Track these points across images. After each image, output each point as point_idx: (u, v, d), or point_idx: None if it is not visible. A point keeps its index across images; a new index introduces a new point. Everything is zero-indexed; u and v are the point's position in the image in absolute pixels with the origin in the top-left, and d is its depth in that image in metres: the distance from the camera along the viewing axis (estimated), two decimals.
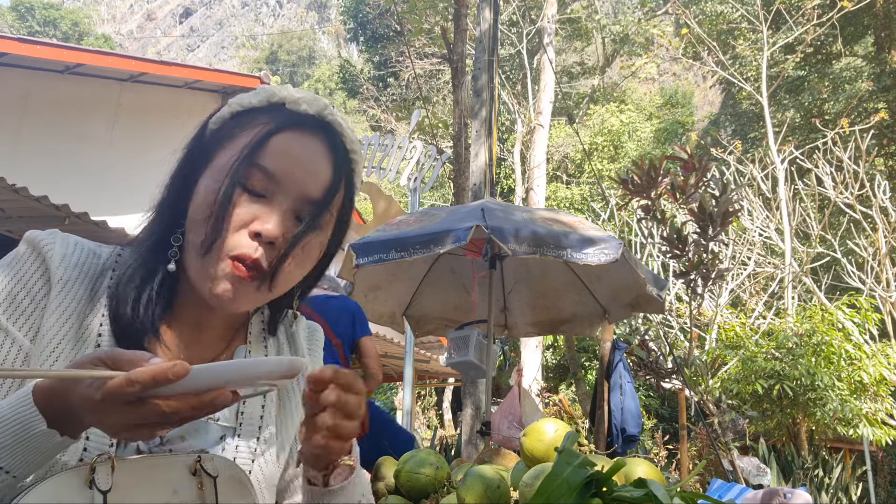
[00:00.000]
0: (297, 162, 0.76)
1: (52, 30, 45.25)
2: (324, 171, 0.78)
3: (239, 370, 0.61)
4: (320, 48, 58.51)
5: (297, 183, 0.76)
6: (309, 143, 0.77)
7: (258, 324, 0.90)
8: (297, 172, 0.76)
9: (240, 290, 0.74)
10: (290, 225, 0.76)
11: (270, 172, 0.75)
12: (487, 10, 6.93)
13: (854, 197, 9.60)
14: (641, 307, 4.36)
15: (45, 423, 0.60)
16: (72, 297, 0.75)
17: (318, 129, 0.79)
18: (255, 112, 0.79)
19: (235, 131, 0.78)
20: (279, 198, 0.75)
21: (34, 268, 0.76)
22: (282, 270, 0.76)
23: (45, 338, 0.73)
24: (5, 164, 5.85)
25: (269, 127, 0.76)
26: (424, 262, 4.57)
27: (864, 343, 7.18)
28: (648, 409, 13.52)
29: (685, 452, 6.46)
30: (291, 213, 0.76)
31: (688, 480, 1.35)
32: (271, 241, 0.74)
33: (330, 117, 0.81)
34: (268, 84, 8.53)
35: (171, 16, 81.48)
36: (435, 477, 2.13)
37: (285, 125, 0.77)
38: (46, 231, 0.79)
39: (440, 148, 9.59)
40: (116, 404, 0.57)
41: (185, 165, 0.80)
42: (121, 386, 0.56)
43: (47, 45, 7.12)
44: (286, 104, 0.79)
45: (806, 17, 12.40)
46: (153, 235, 0.79)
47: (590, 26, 19.53)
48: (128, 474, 0.67)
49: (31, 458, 0.61)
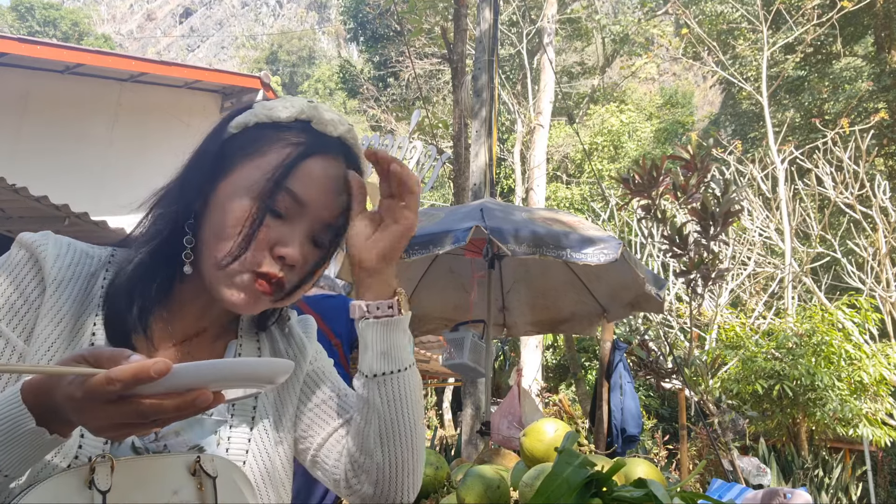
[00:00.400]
0: (323, 188, 0.79)
1: (52, 30, 45.25)
2: (342, 197, 0.81)
3: (221, 370, 0.60)
4: (320, 48, 58.50)
5: (319, 209, 0.79)
6: (332, 168, 0.80)
7: (249, 318, 0.91)
8: (320, 199, 0.79)
9: (258, 301, 0.78)
10: (308, 249, 0.79)
11: (298, 198, 0.77)
12: (487, 10, 6.92)
13: (854, 197, 9.59)
14: (641, 307, 4.36)
15: (33, 422, 0.59)
16: (66, 298, 0.75)
17: (340, 153, 0.82)
18: (283, 129, 0.80)
19: (263, 147, 0.78)
20: (300, 220, 0.78)
21: (27, 269, 0.76)
22: (300, 288, 0.80)
23: (39, 338, 0.73)
24: (5, 164, 5.85)
25: (299, 150, 0.78)
26: (423, 262, 4.57)
27: (864, 343, 7.18)
28: (648, 409, 13.52)
29: (685, 452, 6.45)
30: (309, 237, 0.79)
31: (688, 480, 1.35)
32: (293, 265, 0.77)
33: (352, 141, 0.84)
34: (268, 84, 8.53)
35: (171, 16, 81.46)
36: (435, 477, 2.14)
37: (315, 150, 0.79)
38: (39, 233, 0.80)
39: (440, 148, 9.60)
40: (98, 403, 0.56)
41: (201, 168, 0.80)
42: (101, 384, 0.55)
43: (47, 45, 7.13)
44: (313, 123, 0.81)
45: (806, 17, 12.39)
46: (159, 235, 0.79)
47: (590, 26, 19.53)
48: (127, 474, 0.67)
49: (22, 456, 0.60)
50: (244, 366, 0.64)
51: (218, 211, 0.76)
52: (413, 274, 4.67)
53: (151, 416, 0.57)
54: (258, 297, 0.77)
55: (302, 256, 0.78)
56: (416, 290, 4.76)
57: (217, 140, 0.81)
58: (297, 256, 0.77)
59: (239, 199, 0.76)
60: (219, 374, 0.59)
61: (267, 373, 0.63)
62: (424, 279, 4.71)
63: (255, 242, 0.76)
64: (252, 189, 0.76)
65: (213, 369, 0.59)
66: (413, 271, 4.65)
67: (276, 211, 0.76)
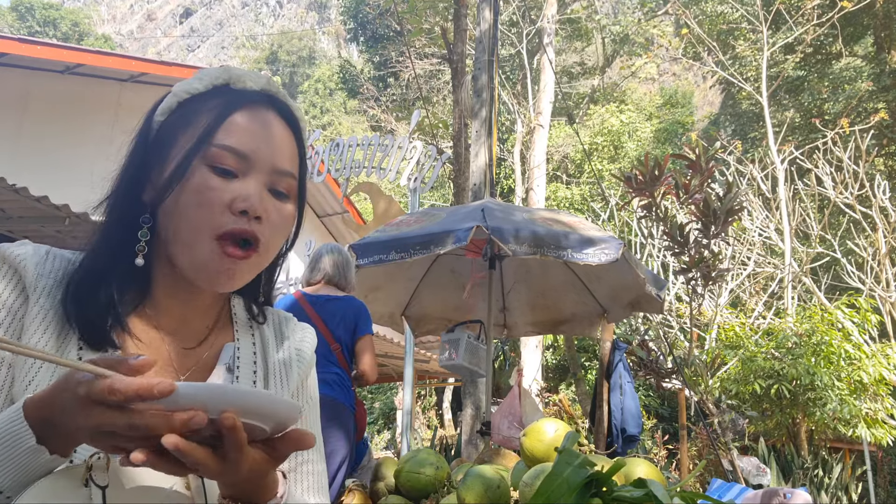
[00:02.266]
0: (261, 137, 0.78)
1: (52, 30, 45.24)
2: (287, 143, 0.81)
3: (228, 397, 0.57)
4: (320, 48, 58.50)
5: (266, 157, 0.77)
6: (265, 117, 0.80)
7: (242, 312, 0.90)
8: (263, 147, 0.78)
9: (235, 269, 0.76)
10: (270, 200, 0.78)
11: (239, 151, 0.76)
12: (487, 10, 6.93)
13: (854, 197, 9.59)
14: (641, 307, 4.36)
15: (34, 439, 0.59)
16: (49, 306, 0.75)
17: (268, 103, 0.81)
18: (203, 97, 0.80)
19: (190, 119, 0.79)
20: (251, 172, 0.77)
21: (7, 280, 0.76)
22: (274, 244, 0.79)
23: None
24: (5, 164, 5.85)
25: (222, 107, 0.78)
26: (424, 263, 4.57)
27: (864, 343, 7.17)
28: (648, 409, 13.53)
29: (685, 452, 6.46)
30: (265, 187, 0.78)
31: (688, 480, 1.35)
32: (258, 216, 0.76)
33: (274, 90, 0.83)
34: None
35: (171, 16, 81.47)
36: (435, 477, 2.14)
37: (239, 103, 0.79)
38: (16, 243, 0.80)
39: (440, 148, 9.59)
40: (96, 406, 0.56)
41: (135, 161, 0.80)
42: (103, 392, 0.55)
43: (47, 45, 7.13)
44: (230, 84, 0.81)
45: (806, 18, 12.39)
46: (112, 236, 0.79)
47: (590, 26, 19.53)
48: (122, 473, 0.68)
49: (19, 475, 0.60)
50: (253, 397, 0.60)
51: (168, 194, 0.76)
52: (414, 274, 4.67)
53: (142, 431, 0.56)
54: (233, 263, 0.75)
55: (264, 207, 0.76)
56: (417, 290, 4.77)
57: (148, 130, 0.81)
58: (257, 205, 0.75)
59: (179, 172, 0.76)
60: (225, 401, 0.58)
61: (276, 413, 0.60)
62: (426, 279, 4.71)
63: (212, 207, 0.74)
64: (189, 157, 0.76)
65: (220, 395, 0.57)
66: (414, 271, 4.65)
67: (222, 168, 0.75)
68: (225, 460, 0.59)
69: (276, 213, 0.78)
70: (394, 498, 2.20)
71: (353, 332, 3.19)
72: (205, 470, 0.59)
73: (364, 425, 3.42)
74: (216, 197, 0.75)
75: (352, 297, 3.33)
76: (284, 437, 0.63)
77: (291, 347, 0.92)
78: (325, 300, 3.22)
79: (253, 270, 0.79)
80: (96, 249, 0.80)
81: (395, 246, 3.38)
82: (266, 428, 0.61)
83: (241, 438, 0.58)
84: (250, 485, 0.65)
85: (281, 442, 0.63)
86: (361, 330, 3.20)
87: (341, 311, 3.19)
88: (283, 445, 0.63)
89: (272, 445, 0.63)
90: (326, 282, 3.34)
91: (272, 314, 0.94)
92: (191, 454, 0.57)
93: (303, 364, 0.92)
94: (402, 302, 4.80)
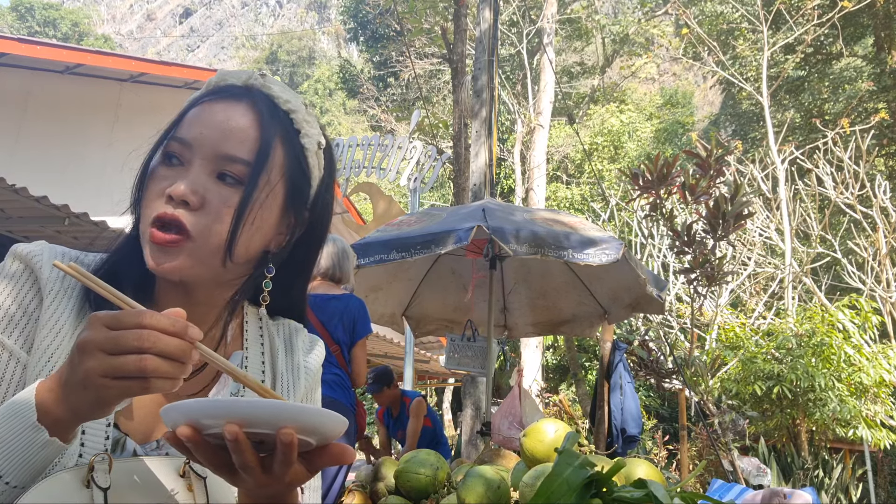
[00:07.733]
0: (209, 124, 0.77)
1: (51, 30, 45.25)
2: (244, 130, 0.77)
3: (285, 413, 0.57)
4: (320, 48, 58.47)
5: (210, 144, 0.76)
6: (226, 107, 0.78)
7: (254, 321, 0.90)
8: (209, 134, 0.76)
9: (165, 253, 0.73)
10: (211, 185, 0.75)
11: (183, 139, 0.77)
12: (487, 10, 6.93)
13: (854, 197, 9.59)
14: (642, 308, 4.36)
15: (35, 416, 0.60)
16: (63, 307, 0.76)
17: (243, 95, 0.80)
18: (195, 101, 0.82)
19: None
20: (195, 161, 0.76)
21: (24, 280, 0.76)
22: (208, 229, 0.73)
23: (40, 348, 0.73)
24: (5, 164, 5.84)
25: (188, 104, 0.80)
26: (424, 263, 4.57)
27: (864, 345, 7.17)
28: (648, 409, 13.52)
29: (685, 453, 6.45)
30: (211, 174, 0.75)
31: (688, 481, 1.35)
32: (183, 199, 0.73)
33: (256, 83, 0.82)
34: None
35: (171, 16, 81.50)
36: (435, 477, 2.14)
37: (203, 98, 0.80)
38: (33, 243, 0.80)
39: (440, 148, 9.60)
40: (113, 341, 0.56)
41: (146, 164, 0.82)
42: (131, 313, 0.57)
43: (47, 46, 7.13)
44: (218, 84, 0.82)
45: (806, 18, 12.39)
46: (127, 240, 0.81)
47: (590, 26, 19.53)
48: (124, 475, 0.68)
49: (18, 456, 0.60)
50: (309, 415, 0.58)
51: (142, 192, 0.79)
52: (415, 274, 4.67)
53: (147, 345, 0.56)
54: (160, 249, 0.73)
55: (197, 193, 0.74)
56: (418, 290, 4.77)
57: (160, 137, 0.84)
58: (184, 191, 0.73)
59: (146, 170, 0.78)
60: (285, 417, 0.57)
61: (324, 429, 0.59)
62: (426, 279, 4.71)
63: (152, 195, 0.75)
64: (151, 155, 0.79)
65: (280, 413, 0.57)
66: (415, 271, 4.65)
67: (169, 156, 0.77)
68: (269, 472, 0.58)
69: (218, 198, 0.75)
70: (394, 498, 2.20)
71: (352, 333, 3.17)
72: (248, 474, 0.58)
73: (364, 425, 3.42)
74: (156, 185, 0.76)
75: (350, 295, 3.27)
76: (325, 451, 0.61)
77: (300, 359, 0.92)
78: (323, 301, 3.17)
79: (191, 257, 0.74)
80: (116, 253, 0.81)
81: (397, 246, 3.38)
82: (312, 442, 0.60)
83: (293, 456, 0.57)
84: (278, 499, 0.64)
85: (320, 456, 0.61)
86: (359, 333, 3.17)
87: (340, 311, 3.15)
88: (322, 459, 0.61)
89: (310, 459, 0.61)
90: (322, 277, 3.28)
91: (283, 325, 0.93)
92: (244, 452, 0.56)
93: (310, 377, 0.92)
94: (402, 302, 4.80)
